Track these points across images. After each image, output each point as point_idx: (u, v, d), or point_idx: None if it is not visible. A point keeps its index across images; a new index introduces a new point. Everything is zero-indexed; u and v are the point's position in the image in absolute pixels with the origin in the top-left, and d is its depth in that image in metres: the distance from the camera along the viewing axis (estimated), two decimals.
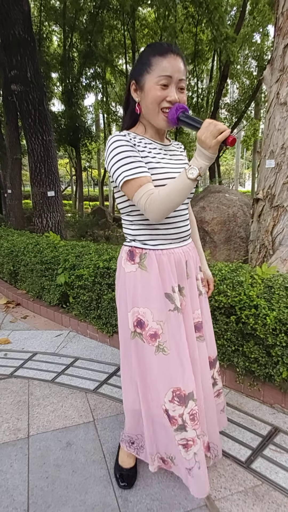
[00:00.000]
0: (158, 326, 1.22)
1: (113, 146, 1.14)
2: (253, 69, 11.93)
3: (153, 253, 1.23)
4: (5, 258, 4.13)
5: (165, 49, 1.12)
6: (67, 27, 10.27)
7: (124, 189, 1.14)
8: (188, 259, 1.30)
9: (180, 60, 1.14)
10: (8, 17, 4.63)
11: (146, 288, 1.23)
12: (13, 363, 2.54)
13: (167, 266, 1.23)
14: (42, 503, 1.41)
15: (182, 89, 1.17)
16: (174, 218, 1.25)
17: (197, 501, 1.39)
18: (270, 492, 1.43)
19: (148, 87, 1.14)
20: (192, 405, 1.23)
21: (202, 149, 1.00)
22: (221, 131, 0.96)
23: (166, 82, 1.12)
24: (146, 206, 1.09)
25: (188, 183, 1.03)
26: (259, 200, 3.29)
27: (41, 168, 5.31)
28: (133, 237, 1.28)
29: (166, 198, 1.06)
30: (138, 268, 1.24)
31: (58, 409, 2.00)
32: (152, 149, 1.22)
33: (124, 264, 1.29)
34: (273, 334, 1.74)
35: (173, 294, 1.24)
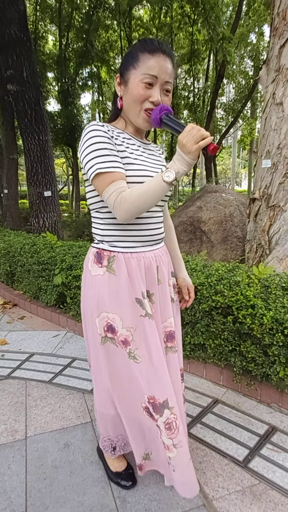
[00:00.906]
0: (128, 332, 1.16)
1: (89, 135, 1.07)
2: (249, 69, 11.96)
3: (122, 256, 1.16)
4: (1, 258, 4.12)
5: (155, 47, 1.07)
6: (63, 26, 10.25)
7: (95, 182, 1.07)
8: (159, 264, 1.24)
9: (169, 61, 1.09)
10: (4, 17, 4.62)
11: (115, 293, 1.16)
12: (10, 364, 2.54)
13: (136, 270, 1.17)
14: (40, 504, 1.41)
15: (168, 91, 1.12)
16: (147, 219, 1.18)
17: (195, 501, 1.40)
18: (267, 491, 1.43)
19: (132, 83, 1.09)
20: (167, 414, 1.16)
21: (182, 154, 0.96)
22: (204, 137, 0.93)
23: (151, 82, 1.07)
24: (116, 204, 1.03)
25: (163, 186, 0.99)
26: (255, 200, 3.30)
27: (38, 168, 5.30)
28: (101, 238, 1.21)
29: (138, 198, 1.01)
30: (106, 271, 1.17)
31: (56, 410, 2.00)
32: (131, 145, 1.17)
33: (91, 266, 1.22)
34: (270, 334, 1.75)
35: (143, 300, 1.18)
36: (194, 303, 2.05)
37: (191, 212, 4.19)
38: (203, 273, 2.11)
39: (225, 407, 1.96)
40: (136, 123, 1.16)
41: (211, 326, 2.01)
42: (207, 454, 1.64)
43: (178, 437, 1.18)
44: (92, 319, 1.21)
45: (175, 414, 1.18)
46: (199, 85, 13.17)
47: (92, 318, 1.21)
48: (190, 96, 12.46)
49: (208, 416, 1.89)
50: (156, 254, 1.23)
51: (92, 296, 1.20)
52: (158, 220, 1.25)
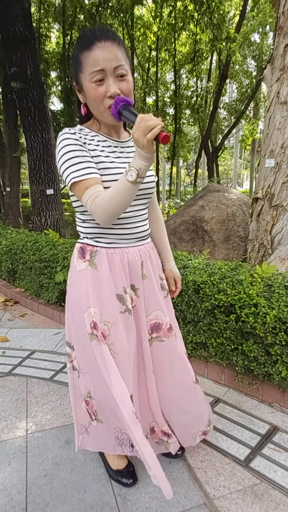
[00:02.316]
0: (105, 327, 1.17)
1: (62, 144, 1.07)
2: (253, 69, 11.95)
3: (105, 251, 1.17)
4: (3, 256, 4.12)
5: (90, 39, 1.01)
6: (66, 25, 10.25)
7: (73, 190, 1.08)
8: (144, 260, 1.24)
9: (110, 44, 1.02)
10: (9, 14, 4.61)
11: (96, 287, 1.17)
12: (11, 361, 2.53)
13: (119, 266, 1.17)
14: (41, 501, 1.40)
15: (123, 76, 1.05)
16: (129, 219, 1.18)
17: (196, 499, 1.39)
18: (269, 490, 1.43)
19: (86, 87, 1.06)
20: None
21: (137, 149, 0.92)
22: (151, 128, 0.86)
23: (101, 77, 1.02)
24: (92, 210, 1.03)
25: (128, 185, 0.95)
26: (258, 199, 3.28)
27: (40, 166, 5.30)
28: (85, 235, 1.22)
29: (110, 203, 0.99)
30: (89, 266, 1.18)
31: (57, 407, 1.99)
32: (106, 147, 1.14)
33: (76, 261, 1.23)
34: (272, 333, 1.74)
35: (125, 296, 1.18)
36: (197, 301, 2.04)
37: (193, 211, 4.18)
38: (205, 271, 2.10)
39: (227, 406, 1.95)
40: (107, 121, 1.12)
41: (213, 324, 2.00)
42: (208, 453, 1.63)
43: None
44: (80, 313, 1.21)
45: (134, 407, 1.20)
46: (202, 85, 13.15)
47: (80, 312, 1.21)
48: (193, 96, 12.43)
49: None
50: (141, 249, 1.23)
51: (79, 290, 1.21)
52: (142, 218, 1.24)
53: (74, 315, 1.25)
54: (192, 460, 1.58)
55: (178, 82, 12.43)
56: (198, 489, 1.44)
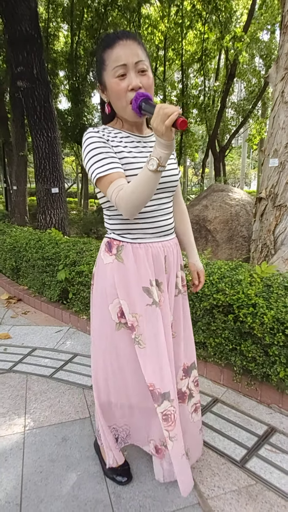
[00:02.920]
0: (134, 318, 1.20)
1: (86, 143, 1.12)
2: (261, 68, 11.85)
3: (130, 245, 1.20)
4: (7, 253, 4.15)
5: (112, 39, 1.09)
6: (74, 24, 10.28)
7: (98, 186, 1.12)
8: (167, 254, 1.26)
9: (131, 42, 1.08)
10: (15, 13, 4.64)
11: (123, 280, 1.21)
12: (12, 358, 2.55)
13: (144, 259, 1.20)
14: (35, 497, 1.41)
15: (144, 71, 1.10)
16: (153, 213, 1.21)
17: (190, 499, 1.39)
18: (263, 492, 1.42)
19: (109, 83, 1.11)
20: (167, 406, 1.19)
21: (157, 137, 0.95)
22: (169, 115, 0.89)
23: (123, 72, 1.08)
24: (117, 203, 1.06)
25: (150, 175, 0.97)
26: (261, 199, 3.26)
27: (46, 164, 5.32)
28: (111, 230, 1.26)
29: (132, 194, 1.01)
30: (115, 259, 1.22)
31: (55, 405, 2.00)
32: (129, 143, 1.18)
33: (103, 255, 1.27)
34: (270, 333, 1.73)
35: (151, 288, 1.21)
36: (196, 300, 2.04)
37: (197, 210, 4.16)
38: (205, 271, 2.09)
39: (225, 406, 1.94)
40: (130, 118, 1.16)
41: (211, 324, 1.99)
42: (204, 452, 1.62)
43: (174, 431, 1.21)
44: (105, 306, 1.24)
45: (174, 407, 1.21)
46: (210, 84, 13.09)
47: (105, 305, 1.24)
48: (200, 95, 12.38)
49: (207, 415, 1.88)
50: (165, 245, 1.25)
51: (105, 283, 1.24)
52: (166, 212, 1.25)
53: (101, 308, 1.27)
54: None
55: (185, 81, 12.38)
56: (193, 489, 1.43)
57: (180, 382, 1.37)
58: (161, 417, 1.20)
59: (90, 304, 1.37)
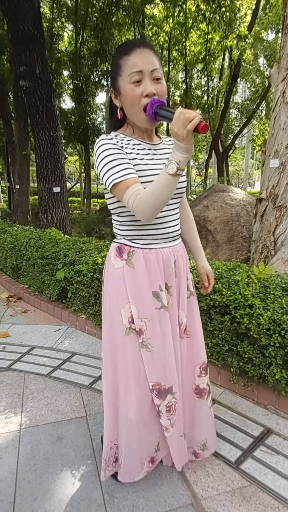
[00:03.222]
0: (143, 323, 1.22)
1: (100, 150, 1.13)
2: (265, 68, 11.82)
3: (141, 251, 1.23)
4: (8, 252, 4.16)
5: (129, 46, 1.11)
6: (78, 24, 10.29)
7: (114, 192, 1.13)
8: (177, 259, 1.29)
9: (148, 51, 1.11)
10: (18, 13, 4.65)
11: (133, 285, 1.23)
12: (10, 356, 2.56)
13: (155, 264, 1.23)
14: (29, 495, 1.42)
15: (158, 79, 1.13)
16: (163, 218, 1.23)
17: (183, 499, 1.39)
18: (257, 493, 1.41)
19: (124, 89, 1.13)
20: (170, 398, 1.27)
21: (177, 142, 0.97)
22: (190, 120, 0.92)
23: (139, 78, 1.10)
24: (134, 207, 1.07)
25: (169, 179, 1.00)
26: (262, 200, 3.25)
27: (48, 164, 5.33)
28: (122, 236, 1.28)
29: (151, 196, 1.04)
30: (126, 265, 1.24)
31: (52, 403, 2.01)
32: (141, 150, 1.20)
33: (114, 260, 1.28)
34: (267, 335, 1.72)
35: (161, 293, 1.24)
36: None
37: (197, 211, 4.16)
38: None
39: (221, 407, 1.93)
40: (141, 125, 1.18)
41: (208, 325, 1.99)
42: None
43: (174, 418, 1.30)
44: (117, 309, 1.26)
45: (176, 399, 1.29)
46: (213, 84, 13.06)
47: (117, 308, 1.26)
48: (204, 96, 12.36)
49: None
50: (174, 249, 1.28)
51: (117, 287, 1.26)
52: (174, 217, 1.28)
53: (115, 311, 1.28)
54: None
55: (189, 81, 12.37)
56: (186, 489, 1.43)
57: (198, 379, 1.42)
58: (165, 409, 1.26)
59: (102, 308, 1.39)
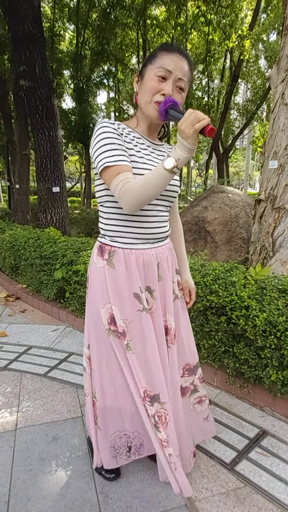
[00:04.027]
0: (124, 324, 1.20)
1: (100, 131, 1.12)
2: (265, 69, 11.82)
3: (122, 251, 1.20)
4: (7, 252, 4.16)
5: (173, 47, 1.13)
6: (80, 24, 10.29)
7: (103, 175, 1.11)
8: (160, 261, 1.26)
9: (185, 61, 1.13)
10: (18, 12, 4.65)
11: (114, 286, 1.21)
12: (8, 356, 2.56)
13: (135, 266, 1.20)
14: (23, 495, 1.42)
15: (181, 89, 1.15)
16: (149, 218, 1.21)
17: (177, 500, 1.39)
18: (252, 495, 1.41)
19: (147, 76, 1.14)
20: (157, 407, 1.21)
21: (181, 139, 0.97)
22: (200, 120, 0.93)
23: (165, 75, 1.11)
24: (121, 195, 1.06)
25: (164, 173, 0.99)
26: (261, 201, 3.25)
27: (47, 163, 5.33)
28: (104, 232, 1.26)
29: (141, 188, 1.02)
30: (106, 264, 1.22)
31: (48, 403, 2.00)
32: (140, 144, 1.20)
33: (96, 259, 1.27)
34: (263, 336, 1.72)
35: (142, 295, 1.21)
36: None
37: (196, 212, 4.16)
38: (199, 272, 2.09)
39: (217, 408, 1.93)
40: (147, 114, 1.17)
41: (205, 326, 1.99)
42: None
43: (167, 430, 1.22)
44: (98, 310, 1.25)
45: (166, 410, 1.22)
46: (214, 85, 13.06)
47: (98, 308, 1.25)
48: (205, 97, 12.36)
49: None
50: (157, 251, 1.25)
51: (98, 287, 1.24)
52: (161, 219, 1.26)
53: (93, 312, 1.28)
54: None
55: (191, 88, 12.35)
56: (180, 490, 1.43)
57: (181, 379, 1.39)
58: (153, 419, 1.21)
59: (86, 306, 1.37)
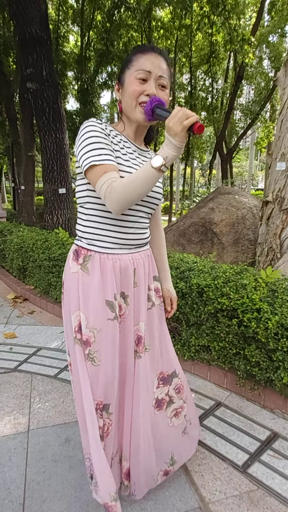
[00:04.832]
0: (91, 333, 1.15)
1: (87, 129, 1.10)
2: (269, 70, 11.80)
3: (98, 256, 1.16)
4: (14, 253, 4.19)
5: (147, 48, 1.13)
6: (84, 26, 10.33)
7: (89, 174, 1.08)
8: (137, 267, 1.23)
9: (162, 59, 1.13)
10: (26, 16, 4.68)
11: (86, 292, 1.16)
12: (17, 357, 2.58)
13: (111, 272, 1.16)
14: (38, 497, 1.43)
15: (163, 86, 1.14)
16: (128, 223, 1.18)
17: (191, 503, 1.39)
18: (265, 497, 1.42)
19: (127, 82, 1.13)
20: (105, 416, 1.18)
21: (169, 137, 0.95)
22: (189, 116, 0.92)
23: (145, 77, 1.10)
24: (106, 194, 1.03)
25: (151, 172, 0.97)
26: (268, 202, 3.25)
27: (53, 165, 5.36)
28: (81, 234, 1.21)
29: (127, 187, 1.00)
30: (80, 269, 1.18)
31: (59, 405, 2.02)
32: (126, 147, 1.18)
33: (71, 263, 1.22)
34: (274, 339, 1.72)
35: (114, 302, 1.17)
36: (200, 304, 2.04)
37: (203, 213, 4.16)
38: (210, 274, 2.10)
39: (228, 410, 1.94)
40: (134, 118, 1.16)
41: (216, 328, 1.99)
42: (206, 457, 1.63)
43: (108, 439, 1.20)
44: (69, 315, 1.21)
45: (111, 420, 1.20)
46: (218, 86, 13.07)
47: (69, 314, 1.21)
48: (208, 97, 12.38)
49: (209, 418, 1.88)
50: (134, 257, 1.22)
51: (70, 292, 1.21)
52: (142, 226, 1.23)
53: (67, 318, 1.24)
54: (190, 463, 1.58)
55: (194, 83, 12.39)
56: (194, 493, 1.44)
57: (156, 390, 1.34)
58: (101, 430, 1.18)
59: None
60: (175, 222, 4.73)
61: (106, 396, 1.18)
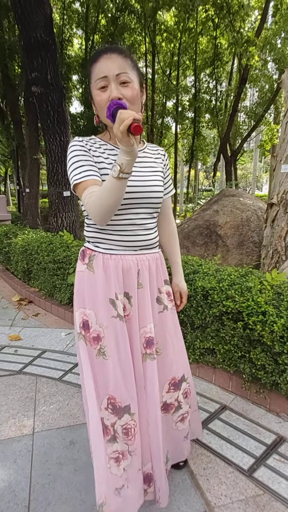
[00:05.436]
0: (101, 329, 1.19)
1: (69, 151, 1.16)
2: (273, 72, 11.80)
3: (101, 256, 1.20)
4: (19, 256, 4.21)
5: (98, 54, 1.12)
6: (88, 30, 10.41)
7: (76, 192, 1.14)
8: (141, 269, 1.23)
9: (115, 56, 1.09)
10: (31, 20, 4.71)
11: (92, 290, 1.20)
12: (22, 360, 2.58)
13: (114, 271, 1.19)
14: (43, 500, 1.43)
15: (125, 83, 1.10)
16: (129, 226, 1.19)
17: (197, 507, 1.38)
18: (271, 502, 1.41)
19: (93, 94, 1.15)
20: (127, 419, 1.17)
21: (119, 144, 0.92)
22: (124, 120, 0.87)
23: (104, 84, 1.10)
24: (87, 209, 1.07)
25: (113, 181, 0.97)
26: (273, 205, 3.24)
27: (58, 168, 5.38)
28: (88, 238, 1.27)
29: (99, 200, 1.02)
30: (86, 268, 1.23)
31: (64, 408, 2.02)
32: (112, 156, 1.18)
33: (78, 263, 1.29)
34: (280, 342, 1.71)
35: (116, 301, 1.19)
36: (205, 307, 2.04)
37: (207, 215, 4.16)
38: (215, 277, 2.09)
39: (233, 414, 1.93)
40: (110, 126, 1.17)
41: (221, 331, 1.99)
42: (211, 460, 1.62)
43: (134, 445, 1.19)
44: (75, 312, 1.26)
45: (135, 421, 1.19)
46: (222, 88, 13.09)
47: (75, 311, 1.26)
48: (212, 100, 12.39)
49: (215, 422, 1.87)
50: (139, 258, 1.23)
51: (77, 291, 1.26)
52: (146, 227, 1.23)
53: (74, 314, 1.29)
54: (195, 467, 1.58)
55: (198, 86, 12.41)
56: (199, 497, 1.43)
57: (166, 395, 1.35)
58: (121, 430, 1.17)
59: None
60: (179, 224, 4.73)
61: (122, 395, 1.17)
